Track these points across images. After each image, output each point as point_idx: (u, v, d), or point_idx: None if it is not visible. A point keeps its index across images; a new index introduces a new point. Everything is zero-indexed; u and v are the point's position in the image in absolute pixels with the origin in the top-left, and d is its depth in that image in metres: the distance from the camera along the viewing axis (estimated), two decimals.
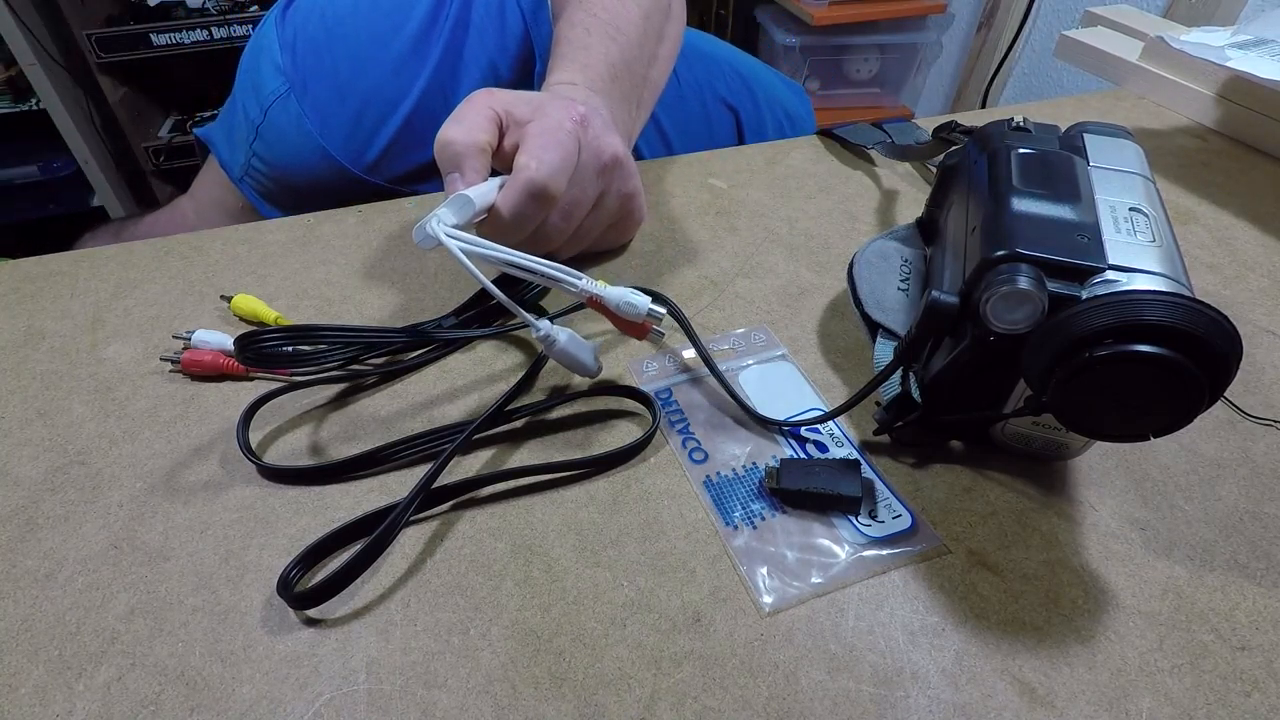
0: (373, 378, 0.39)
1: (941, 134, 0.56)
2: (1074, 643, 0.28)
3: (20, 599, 0.29)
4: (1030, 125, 0.37)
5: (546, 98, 0.40)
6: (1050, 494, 0.33)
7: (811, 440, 0.35)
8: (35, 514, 0.32)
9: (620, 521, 0.32)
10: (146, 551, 0.30)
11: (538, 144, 0.37)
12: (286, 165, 0.57)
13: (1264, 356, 0.41)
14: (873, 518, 0.32)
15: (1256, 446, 0.36)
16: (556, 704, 0.26)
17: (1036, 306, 0.28)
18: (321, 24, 0.55)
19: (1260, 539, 0.32)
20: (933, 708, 0.26)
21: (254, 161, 0.59)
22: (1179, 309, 0.25)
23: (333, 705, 0.26)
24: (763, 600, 0.29)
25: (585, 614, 0.29)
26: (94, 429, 0.36)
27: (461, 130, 0.37)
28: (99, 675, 0.27)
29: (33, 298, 0.44)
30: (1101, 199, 0.32)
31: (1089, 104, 0.68)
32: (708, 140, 0.70)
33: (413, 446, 0.34)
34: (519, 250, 0.34)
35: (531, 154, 0.36)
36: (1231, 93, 0.62)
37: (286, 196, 0.60)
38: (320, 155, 0.55)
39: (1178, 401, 0.26)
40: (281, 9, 0.57)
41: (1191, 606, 0.29)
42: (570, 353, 0.35)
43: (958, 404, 0.33)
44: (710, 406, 0.37)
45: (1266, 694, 0.27)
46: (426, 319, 0.42)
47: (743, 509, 0.32)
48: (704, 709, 0.26)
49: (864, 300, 0.38)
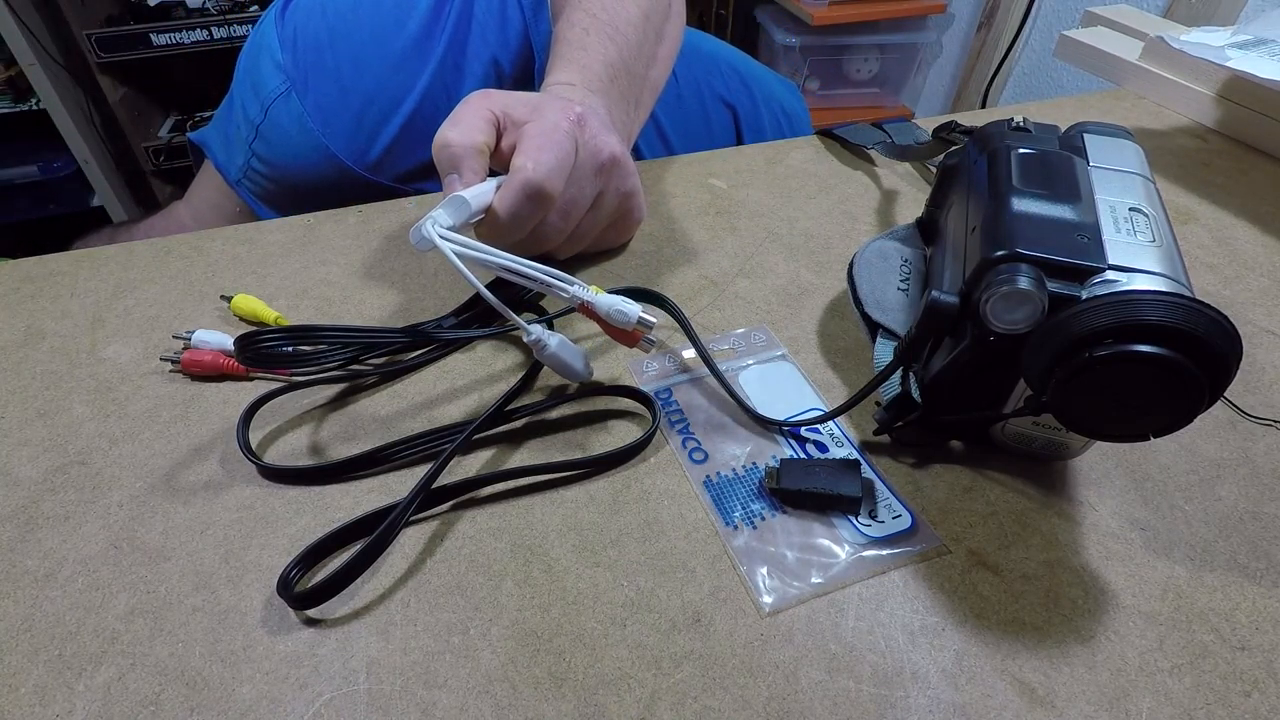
0: (372, 378, 0.39)
1: (941, 134, 0.56)
2: (1074, 643, 0.28)
3: (20, 599, 0.29)
4: (1030, 125, 0.37)
5: (544, 98, 0.40)
6: (1050, 494, 0.33)
7: (811, 440, 0.35)
8: (35, 514, 0.32)
9: (620, 521, 0.32)
10: (146, 551, 0.30)
11: (534, 144, 0.37)
12: (288, 165, 0.57)
13: (1264, 356, 0.41)
14: (872, 518, 0.32)
15: (1256, 446, 0.36)
16: (556, 704, 0.26)
17: (1036, 306, 0.28)
18: (323, 21, 0.55)
19: (1260, 539, 0.32)
20: (933, 708, 0.26)
21: (253, 162, 0.58)
22: (1179, 309, 0.25)
23: (333, 705, 0.26)
24: (763, 600, 0.29)
25: (585, 614, 0.29)
26: (94, 429, 0.36)
27: (458, 132, 0.37)
28: (99, 675, 0.27)
29: (33, 298, 0.44)
30: (1101, 199, 0.32)
31: (1089, 104, 0.68)
32: (706, 139, 0.70)
33: (413, 447, 0.34)
34: (517, 251, 0.34)
35: (528, 154, 0.36)
36: (1231, 93, 0.62)
37: (285, 198, 0.60)
38: (322, 154, 0.55)
39: (1178, 401, 0.26)
40: (281, 7, 0.57)
41: (1191, 606, 0.29)
42: (561, 358, 0.35)
43: (958, 404, 0.33)
44: (710, 406, 0.37)
45: (1266, 694, 0.27)
46: (426, 319, 0.42)
47: (743, 509, 0.32)
48: (704, 709, 0.26)
49: (864, 300, 0.38)
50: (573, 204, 0.40)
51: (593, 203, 0.42)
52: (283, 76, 0.54)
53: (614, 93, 0.45)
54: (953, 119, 0.57)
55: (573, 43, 0.46)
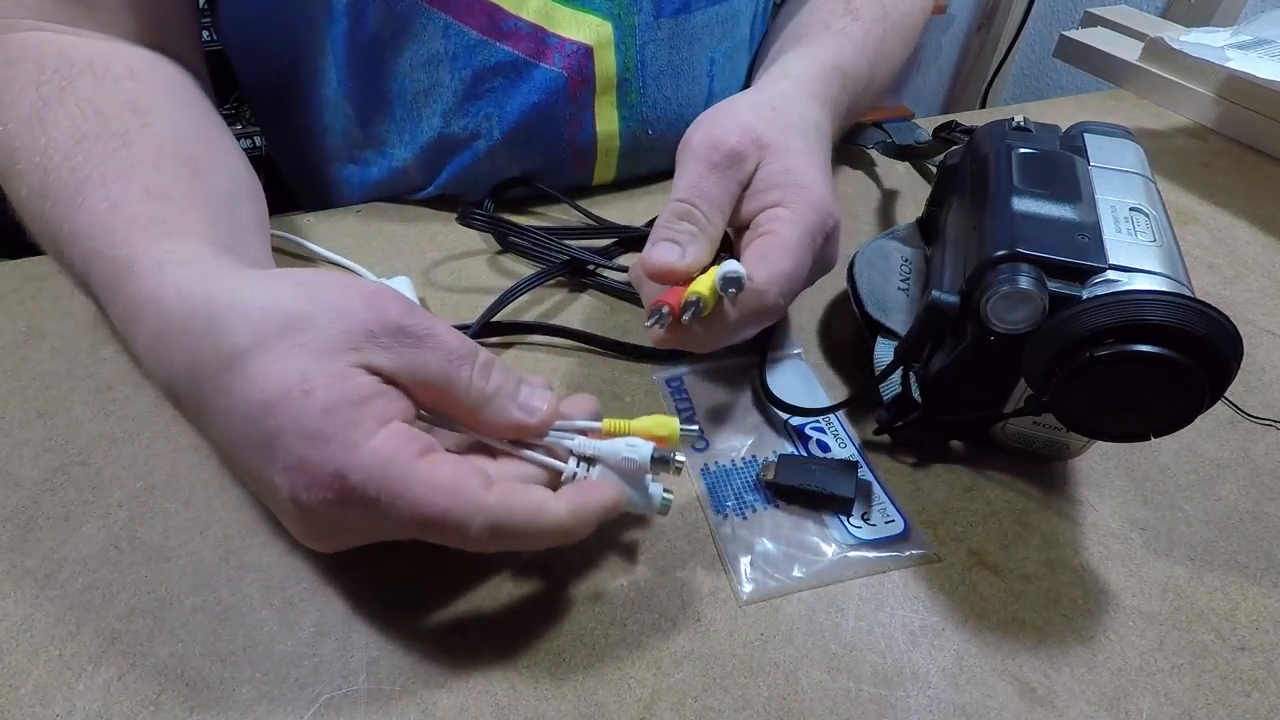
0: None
1: (941, 134, 0.56)
2: (1074, 643, 0.28)
3: (20, 599, 0.29)
4: (1031, 125, 0.37)
5: (794, 146, 0.34)
6: (1050, 494, 0.33)
7: (815, 439, 0.35)
8: (35, 514, 0.32)
9: (620, 520, 0.32)
10: (146, 551, 0.30)
11: (782, 259, 0.31)
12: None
13: (1264, 356, 0.41)
14: (865, 520, 0.32)
15: (1256, 446, 0.36)
16: (556, 704, 0.26)
17: (1037, 306, 0.28)
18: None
19: (1260, 539, 0.32)
20: (933, 708, 0.26)
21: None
22: (1180, 309, 0.25)
23: (333, 705, 0.26)
24: (741, 589, 0.29)
25: (585, 614, 0.29)
26: (94, 429, 0.36)
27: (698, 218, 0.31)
28: (99, 675, 0.27)
29: (33, 298, 0.44)
30: (1102, 199, 0.32)
31: (1089, 104, 0.68)
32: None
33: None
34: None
35: (773, 269, 0.30)
36: (1231, 93, 0.62)
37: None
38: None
39: (1178, 402, 0.26)
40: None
41: (1191, 606, 0.29)
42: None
43: (958, 404, 0.33)
44: (718, 397, 0.37)
45: (1266, 694, 0.27)
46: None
47: (735, 499, 0.32)
48: (704, 709, 0.26)
49: (864, 300, 0.38)
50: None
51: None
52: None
53: (845, 98, 0.42)
54: (953, 119, 0.57)
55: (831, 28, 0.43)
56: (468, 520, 0.23)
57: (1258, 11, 0.64)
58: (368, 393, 0.23)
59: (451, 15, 0.43)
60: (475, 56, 0.44)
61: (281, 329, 0.23)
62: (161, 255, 0.26)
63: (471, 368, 0.25)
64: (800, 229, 0.31)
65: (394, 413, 0.24)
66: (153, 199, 0.29)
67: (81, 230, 0.29)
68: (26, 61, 0.34)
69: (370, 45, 0.44)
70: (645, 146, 0.51)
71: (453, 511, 0.23)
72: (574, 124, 0.48)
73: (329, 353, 0.23)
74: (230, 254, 0.28)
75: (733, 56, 0.52)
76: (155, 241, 0.27)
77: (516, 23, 0.44)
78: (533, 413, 0.26)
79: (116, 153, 0.31)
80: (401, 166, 0.50)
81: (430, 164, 0.49)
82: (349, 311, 0.23)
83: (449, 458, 0.24)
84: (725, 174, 0.32)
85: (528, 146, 0.48)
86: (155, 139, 0.32)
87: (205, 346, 0.23)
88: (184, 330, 0.24)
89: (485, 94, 0.46)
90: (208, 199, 0.31)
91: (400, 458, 0.23)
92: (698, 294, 0.29)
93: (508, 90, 0.46)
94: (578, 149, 0.50)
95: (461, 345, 0.25)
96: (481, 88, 0.46)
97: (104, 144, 0.31)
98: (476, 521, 0.23)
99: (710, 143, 0.33)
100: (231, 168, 0.37)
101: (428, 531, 0.24)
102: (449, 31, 0.44)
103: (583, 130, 0.48)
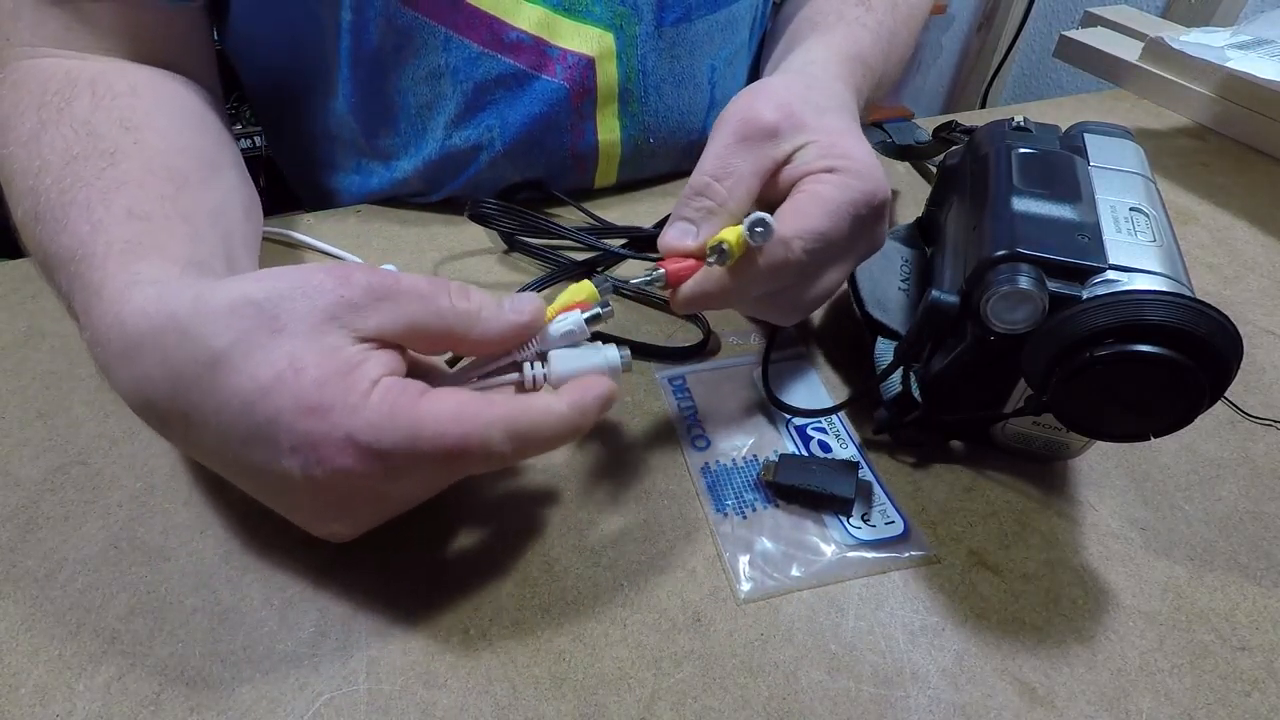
0: None
1: (941, 134, 0.55)
2: (1074, 643, 0.28)
3: (20, 599, 0.29)
4: (1031, 125, 0.37)
5: (843, 128, 0.33)
6: (1050, 494, 0.33)
7: (816, 439, 0.35)
8: (35, 514, 0.32)
9: (620, 520, 0.32)
10: (146, 551, 0.30)
11: (814, 213, 0.29)
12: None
13: (1264, 356, 0.41)
14: (865, 521, 0.32)
15: (1256, 446, 0.36)
16: (556, 704, 0.26)
17: (1037, 306, 0.28)
18: None
19: (1260, 539, 0.32)
20: (933, 708, 0.26)
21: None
22: (1180, 309, 0.25)
23: (333, 705, 0.26)
24: (740, 587, 0.29)
25: (585, 614, 0.29)
26: (94, 429, 0.36)
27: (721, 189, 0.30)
28: (99, 675, 0.27)
29: (33, 298, 0.44)
30: (1102, 199, 0.32)
31: (1089, 104, 0.68)
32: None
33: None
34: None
35: (800, 221, 0.29)
36: (1231, 93, 0.62)
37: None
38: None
39: (1178, 402, 0.26)
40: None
41: (1191, 606, 0.29)
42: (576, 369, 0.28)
43: (958, 404, 0.33)
44: (722, 397, 0.37)
45: (1266, 694, 0.27)
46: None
47: (736, 498, 0.32)
48: (704, 709, 0.26)
49: (864, 300, 0.38)
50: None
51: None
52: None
53: (865, 87, 0.41)
54: (953, 119, 0.57)
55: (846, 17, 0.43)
56: (486, 435, 0.24)
57: (1258, 11, 0.65)
58: (356, 359, 0.23)
59: (452, 29, 0.43)
60: (477, 69, 0.44)
61: (256, 319, 0.23)
62: (130, 278, 0.26)
63: (448, 295, 0.26)
64: (842, 193, 0.30)
65: (384, 369, 0.24)
66: (133, 219, 0.29)
67: (65, 254, 0.29)
68: (33, 84, 0.35)
69: (373, 60, 0.44)
70: (647, 154, 0.51)
71: (472, 433, 0.23)
72: (576, 134, 0.48)
73: (310, 331, 0.23)
74: (202, 270, 0.29)
75: (733, 61, 0.52)
76: (127, 267, 0.27)
77: (518, 35, 0.44)
78: (522, 311, 0.27)
79: (104, 173, 0.31)
80: (404, 178, 0.50)
81: (434, 176, 0.50)
82: (317, 288, 0.24)
83: (446, 391, 0.25)
84: (757, 148, 0.31)
85: (530, 156, 0.48)
86: (143, 156, 0.32)
87: (181, 357, 0.23)
88: (155, 347, 0.24)
89: (488, 106, 0.46)
90: (189, 216, 0.32)
91: (402, 404, 0.23)
92: (723, 239, 0.28)
93: (510, 102, 0.46)
94: (579, 157, 0.50)
95: (431, 282, 0.26)
96: (484, 100, 0.46)
97: (92, 164, 0.31)
98: (495, 433, 0.24)
99: (745, 116, 0.32)
100: (223, 181, 0.37)
101: (454, 463, 0.24)
102: (450, 45, 0.44)
103: (584, 139, 0.49)
